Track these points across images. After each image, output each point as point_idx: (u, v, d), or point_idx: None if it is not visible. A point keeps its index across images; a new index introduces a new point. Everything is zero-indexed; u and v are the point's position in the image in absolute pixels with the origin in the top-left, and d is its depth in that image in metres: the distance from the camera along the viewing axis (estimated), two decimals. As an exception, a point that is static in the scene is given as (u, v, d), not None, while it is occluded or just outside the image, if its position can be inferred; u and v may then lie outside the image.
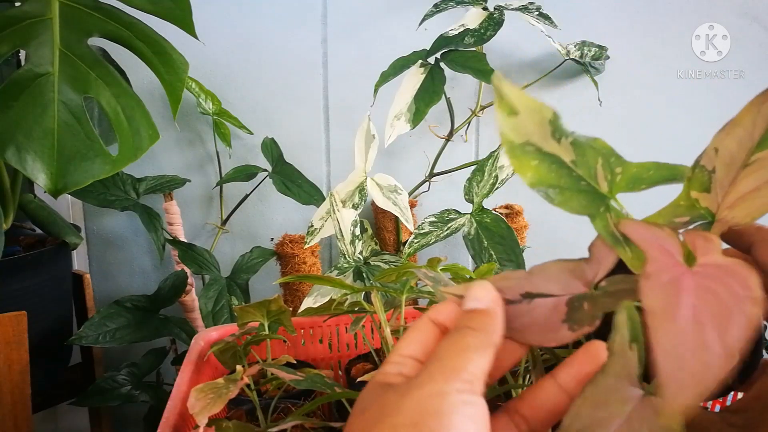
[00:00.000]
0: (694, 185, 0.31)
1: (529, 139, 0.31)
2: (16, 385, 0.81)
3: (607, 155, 0.32)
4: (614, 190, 0.31)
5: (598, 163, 0.32)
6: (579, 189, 0.31)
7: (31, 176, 0.61)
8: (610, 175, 0.31)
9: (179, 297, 1.03)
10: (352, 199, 0.86)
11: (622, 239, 0.29)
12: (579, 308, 0.27)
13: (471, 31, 0.88)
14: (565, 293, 0.29)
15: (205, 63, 1.07)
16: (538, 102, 0.32)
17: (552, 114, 0.32)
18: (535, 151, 0.31)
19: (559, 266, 0.31)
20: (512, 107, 0.32)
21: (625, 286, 0.27)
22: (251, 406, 0.58)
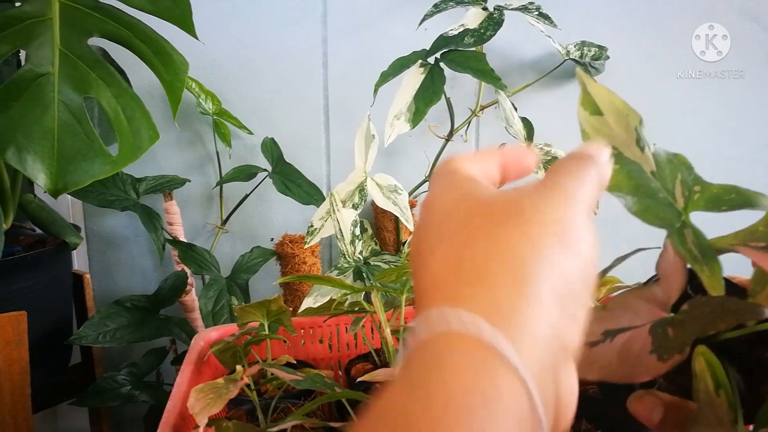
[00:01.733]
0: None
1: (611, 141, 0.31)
2: (16, 385, 0.81)
3: (687, 172, 0.32)
4: (690, 207, 0.31)
5: (678, 178, 0.31)
6: (657, 200, 0.30)
7: (31, 176, 0.61)
8: (688, 192, 0.31)
9: (179, 297, 1.03)
10: (352, 199, 0.86)
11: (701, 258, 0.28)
12: (663, 335, 0.26)
13: (471, 31, 0.88)
14: (645, 322, 0.28)
15: (205, 63, 1.07)
16: (626, 105, 0.31)
17: (639, 120, 0.31)
18: (617, 155, 0.30)
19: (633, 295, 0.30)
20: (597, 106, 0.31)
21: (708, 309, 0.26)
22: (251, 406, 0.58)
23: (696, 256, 0.28)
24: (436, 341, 0.21)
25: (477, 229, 0.24)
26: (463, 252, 0.24)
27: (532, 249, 0.23)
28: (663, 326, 0.27)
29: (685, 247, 0.28)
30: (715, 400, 0.26)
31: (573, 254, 0.23)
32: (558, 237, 0.23)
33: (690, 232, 0.29)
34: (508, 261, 0.23)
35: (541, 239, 0.23)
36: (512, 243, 0.23)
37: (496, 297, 0.22)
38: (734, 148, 1.12)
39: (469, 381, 0.20)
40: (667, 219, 0.30)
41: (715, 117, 1.11)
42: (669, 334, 0.26)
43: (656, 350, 0.26)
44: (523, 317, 0.21)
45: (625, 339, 0.27)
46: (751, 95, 1.10)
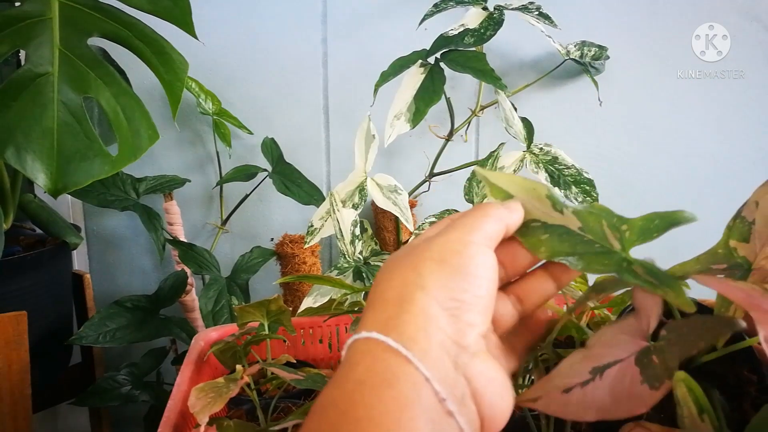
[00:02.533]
0: (733, 235, 0.32)
1: (531, 216, 0.33)
2: (16, 385, 0.81)
3: (609, 217, 0.33)
4: (627, 246, 0.32)
5: (603, 225, 0.33)
6: (596, 252, 0.32)
7: (31, 176, 0.61)
8: (619, 233, 0.32)
9: (179, 297, 1.03)
10: (352, 199, 0.86)
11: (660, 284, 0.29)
12: (649, 364, 0.27)
13: (471, 31, 0.88)
14: (630, 353, 0.29)
15: (205, 63, 1.07)
16: (529, 181, 0.34)
17: (546, 189, 0.34)
18: (542, 225, 0.33)
19: (611, 329, 0.31)
20: (505, 192, 0.34)
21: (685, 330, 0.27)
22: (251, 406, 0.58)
23: (655, 284, 0.29)
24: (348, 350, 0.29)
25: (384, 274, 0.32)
26: (376, 290, 0.32)
27: (414, 273, 0.30)
28: (647, 355, 0.28)
29: (641, 279, 0.29)
30: (699, 426, 0.26)
31: (456, 274, 0.30)
32: (442, 263, 0.30)
33: (639, 267, 0.30)
34: (396, 288, 0.30)
35: (424, 266, 0.30)
36: (402, 274, 0.31)
37: (387, 314, 0.29)
38: (734, 148, 1.12)
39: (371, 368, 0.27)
40: (612, 264, 0.31)
41: (715, 117, 1.11)
42: (654, 362, 0.27)
43: (647, 380, 0.27)
44: (407, 325, 0.28)
45: (613, 374, 0.28)
46: (751, 95, 1.10)
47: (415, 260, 0.31)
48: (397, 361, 0.27)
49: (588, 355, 0.30)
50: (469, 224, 0.32)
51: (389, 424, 0.25)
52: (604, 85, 1.04)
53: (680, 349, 0.27)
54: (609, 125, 1.11)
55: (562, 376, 0.29)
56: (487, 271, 0.30)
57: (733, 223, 0.32)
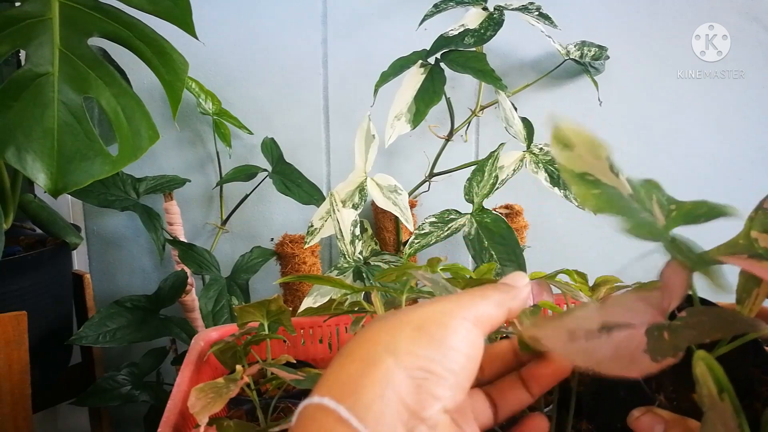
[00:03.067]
0: (755, 226, 0.32)
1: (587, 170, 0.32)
2: (16, 385, 0.81)
3: (660, 193, 0.33)
4: (670, 224, 0.32)
5: (653, 199, 0.33)
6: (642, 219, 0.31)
7: (31, 176, 0.61)
8: (666, 211, 0.33)
9: (179, 297, 1.03)
10: (352, 199, 0.86)
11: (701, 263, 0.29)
12: (659, 338, 0.27)
13: (471, 31, 0.88)
14: (643, 322, 0.29)
15: (205, 63, 1.07)
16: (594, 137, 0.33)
17: (607, 150, 0.33)
18: (595, 181, 0.32)
19: (634, 295, 0.31)
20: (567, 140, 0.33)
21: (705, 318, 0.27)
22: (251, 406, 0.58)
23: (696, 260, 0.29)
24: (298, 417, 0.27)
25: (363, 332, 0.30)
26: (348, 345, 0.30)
27: (388, 336, 0.28)
28: (659, 330, 0.28)
29: (685, 254, 0.30)
30: (719, 405, 0.26)
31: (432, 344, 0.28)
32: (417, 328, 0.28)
33: (682, 244, 0.30)
34: (365, 346, 0.28)
35: (401, 327, 0.28)
36: (374, 334, 0.29)
37: (348, 374, 0.27)
38: (734, 148, 1.12)
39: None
40: (658, 232, 0.31)
41: (715, 117, 1.11)
42: (664, 338, 0.27)
43: (650, 351, 0.27)
44: (365, 389, 0.26)
45: (621, 336, 0.28)
46: (751, 95, 1.10)
47: (393, 323, 0.29)
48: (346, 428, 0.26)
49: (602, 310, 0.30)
50: (462, 300, 0.30)
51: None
52: (604, 85, 1.04)
53: (694, 334, 0.27)
54: (609, 125, 1.11)
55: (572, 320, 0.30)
56: (467, 347, 0.29)
57: (755, 215, 0.32)
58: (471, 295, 0.31)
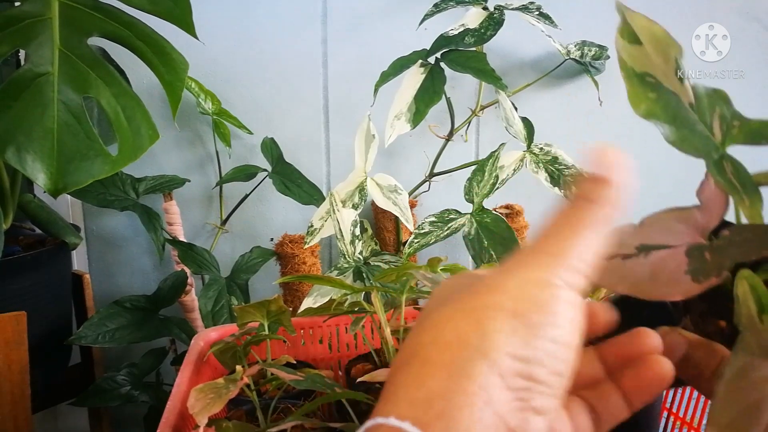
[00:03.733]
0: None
1: (649, 70, 0.29)
2: (16, 385, 0.81)
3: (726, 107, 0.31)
4: (728, 141, 0.30)
5: (716, 112, 0.30)
6: (695, 132, 0.29)
7: (31, 176, 0.61)
8: (726, 126, 0.30)
9: (179, 297, 1.03)
10: (352, 199, 0.86)
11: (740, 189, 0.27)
12: (700, 258, 0.26)
13: (471, 31, 0.88)
14: (682, 243, 0.27)
15: (205, 63, 1.07)
16: (667, 34, 0.30)
17: (679, 51, 0.30)
18: (655, 84, 0.29)
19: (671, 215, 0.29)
20: (635, 35, 0.30)
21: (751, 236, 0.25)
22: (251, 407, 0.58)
23: (735, 186, 0.27)
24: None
25: (434, 315, 0.24)
26: (418, 338, 0.23)
27: (478, 332, 0.22)
28: (701, 250, 0.26)
29: (725, 177, 0.28)
30: (758, 326, 0.24)
31: (533, 337, 0.22)
32: (513, 315, 0.22)
33: (729, 163, 0.28)
34: (449, 349, 0.22)
35: (494, 317, 0.22)
36: (459, 329, 0.22)
37: (431, 390, 0.21)
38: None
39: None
40: (705, 148, 0.28)
41: (715, 117, 1.11)
42: (707, 258, 0.25)
43: (692, 272, 0.25)
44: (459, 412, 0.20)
45: (660, 256, 0.27)
46: (751, 95, 1.10)
47: (478, 306, 0.23)
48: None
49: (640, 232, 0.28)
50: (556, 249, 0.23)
51: None
52: (605, 85, 1.04)
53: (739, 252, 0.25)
54: (609, 125, 1.11)
55: None
56: (571, 335, 0.23)
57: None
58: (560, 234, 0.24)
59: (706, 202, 0.29)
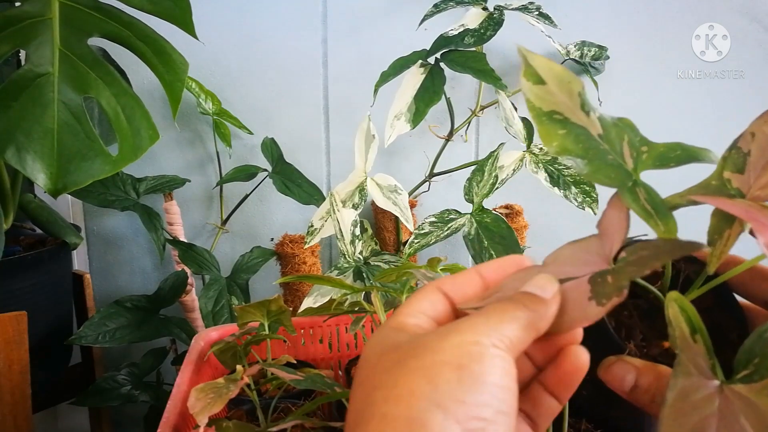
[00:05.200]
0: (728, 166, 0.31)
1: (556, 108, 0.31)
2: (16, 384, 0.81)
3: (633, 133, 0.32)
4: (639, 167, 0.31)
5: (624, 140, 0.32)
6: (607, 162, 0.31)
7: (31, 176, 0.61)
8: (636, 152, 0.31)
9: (179, 297, 1.03)
10: (352, 199, 0.86)
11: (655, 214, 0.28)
12: (603, 283, 0.27)
13: (471, 31, 0.88)
14: (586, 272, 0.28)
15: (205, 63, 1.07)
16: (567, 72, 0.32)
17: (581, 86, 0.32)
18: (563, 120, 0.31)
19: (573, 248, 0.30)
20: (539, 76, 0.32)
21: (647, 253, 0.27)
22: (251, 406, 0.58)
23: (650, 212, 0.28)
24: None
25: (379, 374, 0.25)
26: (367, 398, 0.25)
27: (428, 384, 0.24)
28: (603, 275, 0.27)
29: (639, 204, 0.29)
30: (692, 346, 0.25)
31: (477, 385, 0.24)
32: (456, 368, 0.24)
33: (642, 189, 0.30)
34: (403, 403, 0.23)
35: (439, 371, 0.24)
36: (409, 383, 0.24)
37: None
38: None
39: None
40: (618, 178, 0.30)
41: (715, 117, 1.11)
42: (608, 281, 0.27)
43: (594, 297, 0.26)
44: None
45: (563, 288, 0.28)
46: (751, 95, 1.10)
47: (425, 364, 0.24)
48: None
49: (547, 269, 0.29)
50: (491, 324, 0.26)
51: None
52: (604, 85, 1.04)
53: (634, 269, 0.26)
54: (609, 125, 1.11)
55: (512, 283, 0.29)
56: (508, 380, 0.25)
57: (728, 154, 0.31)
58: (495, 317, 0.26)
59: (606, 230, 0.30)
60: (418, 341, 0.26)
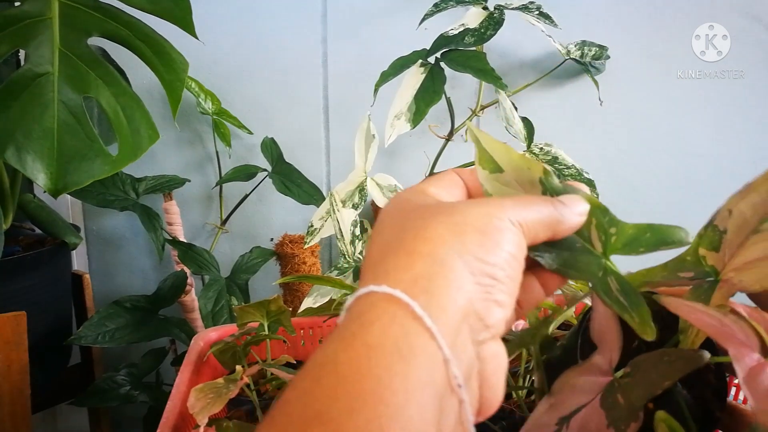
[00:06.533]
0: (704, 243, 0.30)
1: None
2: (16, 385, 0.81)
3: (601, 215, 0.31)
4: (608, 251, 0.30)
5: (592, 223, 0.31)
6: (576, 251, 0.30)
7: (31, 176, 0.61)
8: (605, 236, 0.31)
9: (179, 297, 1.02)
10: (352, 199, 0.86)
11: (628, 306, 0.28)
12: (614, 405, 0.27)
13: (471, 31, 0.87)
14: (594, 395, 0.28)
15: (205, 63, 1.07)
16: (525, 159, 0.31)
17: (542, 171, 0.31)
18: None
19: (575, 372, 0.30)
20: (495, 164, 0.31)
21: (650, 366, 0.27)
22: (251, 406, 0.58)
23: (623, 305, 0.28)
24: (361, 303, 0.25)
25: (410, 221, 0.28)
26: (396, 237, 0.28)
27: (454, 237, 0.27)
28: (612, 394, 0.27)
29: (611, 297, 0.28)
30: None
31: (496, 249, 0.27)
32: (480, 232, 0.27)
33: (613, 278, 0.29)
34: (431, 244, 0.27)
35: (465, 229, 0.27)
36: (438, 231, 0.27)
37: (417, 271, 0.26)
38: (734, 149, 1.12)
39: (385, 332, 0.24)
40: (589, 270, 0.30)
41: (715, 117, 1.11)
42: (620, 402, 0.27)
43: (612, 423, 0.26)
44: (440, 290, 0.25)
45: (579, 420, 0.27)
46: (751, 95, 1.10)
47: (454, 222, 0.27)
48: (417, 330, 0.24)
49: (554, 403, 0.29)
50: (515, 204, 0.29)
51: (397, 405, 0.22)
52: (605, 85, 1.04)
53: (644, 390, 0.26)
54: (609, 125, 1.11)
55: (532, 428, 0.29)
56: (519, 251, 0.28)
57: (704, 231, 0.31)
58: (523, 202, 0.29)
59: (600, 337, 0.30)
60: (447, 204, 0.29)
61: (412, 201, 0.30)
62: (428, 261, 0.26)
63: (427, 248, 0.26)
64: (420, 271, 0.26)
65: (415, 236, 0.27)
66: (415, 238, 0.27)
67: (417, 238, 0.27)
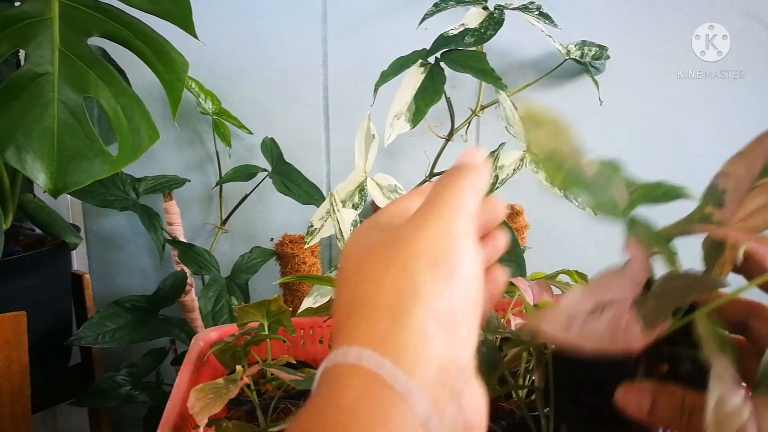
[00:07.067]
0: (708, 200, 0.34)
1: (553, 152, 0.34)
2: (16, 385, 0.81)
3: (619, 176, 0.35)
4: (633, 203, 0.34)
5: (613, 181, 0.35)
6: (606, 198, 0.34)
7: (31, 176, 0.61)
8: (626, 192, 0.34)
9: (179, 297, 1.02)
10: (352, 199, 0.86)
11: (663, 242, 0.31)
12: (645, 307, 0.29)
13: (471, 31, 0.88)
14: (627, 297, 0.30)
15: (205, 63, 1.07)
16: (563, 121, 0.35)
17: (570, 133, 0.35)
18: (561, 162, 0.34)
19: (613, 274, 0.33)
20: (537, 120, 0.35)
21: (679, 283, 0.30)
22: (251, 407, 0.58)
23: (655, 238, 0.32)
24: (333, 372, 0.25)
25: (367, 269, 0.28)
26: (355, 292, 0.28)
27: (410, 282, 0.26)
28: (644, 300, 0.30)
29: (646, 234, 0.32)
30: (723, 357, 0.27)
31: (451, 278, 0.26)
32: (434, 267, 0.26)
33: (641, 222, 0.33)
34: (388, 296, 0.26)
35: (418, 271, 0.26)
36: (393, 276, 0.27)
37: (382, 332, 0.25)
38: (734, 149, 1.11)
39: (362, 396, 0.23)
40: (620, 212, 0.33)
41: (715, 117, 1.11)
42: (651, 306, 0.29)
43: (643, 320, 0.28)
44: (406, 349, 0.24)
45: (613, 311, 0.30)
46: (751, 95, 1.10)
47: (404, 257, 0.27)
48: (391, 394, 0.23)
49: (591, 290, 0.31)
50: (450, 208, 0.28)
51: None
52: (605, 85, 1.04)
53: (672, 300, 0.29)
54: (609, 125, 1.11)
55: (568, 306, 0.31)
56: (477, 269, 0.28)
57: (707, 191, 0.35)
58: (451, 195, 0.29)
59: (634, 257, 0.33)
60: (395, 235, 0.28)
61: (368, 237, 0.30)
62: (388, 315, 0.25)
63: (385, 301, 0.26)
64: (386, 330, 0.25)
65: (375, 288, 0.27)
66: (375, 290, 0.27)
67: (376, 290, 0.27)
